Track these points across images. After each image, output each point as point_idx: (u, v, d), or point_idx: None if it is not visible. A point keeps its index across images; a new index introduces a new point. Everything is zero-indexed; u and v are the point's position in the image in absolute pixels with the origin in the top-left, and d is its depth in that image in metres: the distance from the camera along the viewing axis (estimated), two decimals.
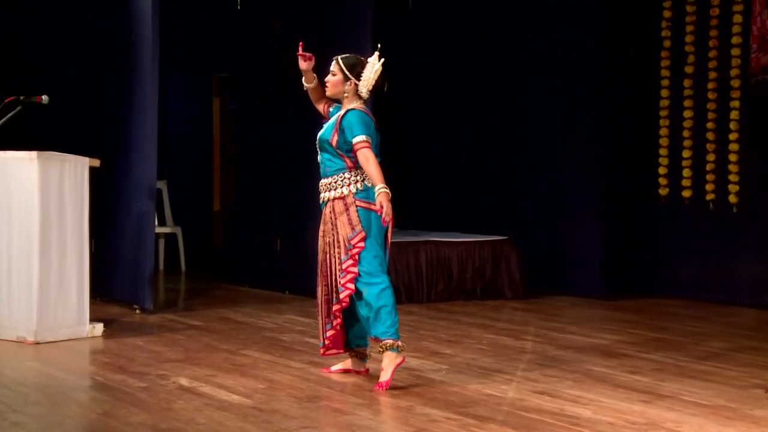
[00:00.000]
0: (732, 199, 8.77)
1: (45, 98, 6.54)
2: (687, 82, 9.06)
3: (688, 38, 9.04)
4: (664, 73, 9.22)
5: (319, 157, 5.48)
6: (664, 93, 9.22)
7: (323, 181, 5.44)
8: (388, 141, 10.56)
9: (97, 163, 6.83)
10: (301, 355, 6.21)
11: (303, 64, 5.53)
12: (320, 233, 5.46)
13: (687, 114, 9.06)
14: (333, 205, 5.36)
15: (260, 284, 9.30)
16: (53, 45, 8.97)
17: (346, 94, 5.39)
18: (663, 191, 9.26)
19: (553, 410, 4.83)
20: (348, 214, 5.32)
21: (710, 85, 8.90)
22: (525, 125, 9.84)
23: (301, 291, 8.89)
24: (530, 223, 9.61)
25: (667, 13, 9.18)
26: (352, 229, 5.31)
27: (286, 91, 9.32)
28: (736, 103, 8.72)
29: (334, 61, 5.45)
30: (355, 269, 5.32)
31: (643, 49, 9.30)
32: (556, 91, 9.45)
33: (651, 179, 9.30)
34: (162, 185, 10.42)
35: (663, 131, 9.24)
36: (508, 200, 9.88)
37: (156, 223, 9.09)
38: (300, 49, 5.52)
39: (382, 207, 5.18)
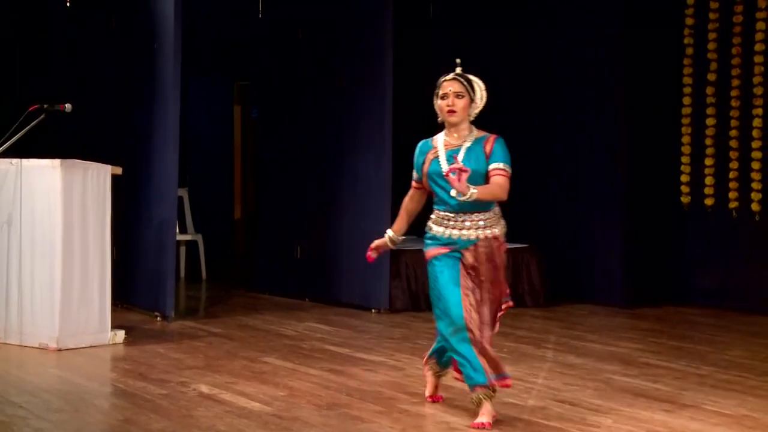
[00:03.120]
0: (755, 207, 8.72)
1: (68, 107, 6.61)
2: (710, 90, 9.03)
3: (711, 45, 9.01)
4: (687, 80, 9.19)
5: (452, 191, 4.65)
6: (687, 101, 9.19)
7: (467, 217, 4.76)
8: (411, 151, 10.63)
9: (119, 170, 6.89)
10: (321, 362, 6.24)
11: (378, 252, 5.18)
12: (470, 275, 4.81)
13: (710, 122, 9.03)
14: (490, 244, 4.78)
15: (280, 291, 9.33)
16: (76, 52, 9.04)
17: (470, 118, 4.85)
18: (685, 199, 9.23)
19: (574, 419, 4.84)
20: (501, 256, 4.85)
21: (733, 93, 8.86)
22: (546, 133, 9.83)
23: (321, 298, 8.92)
24: (551, 231, 9.59)
25: (689, 21, 9.15)
26: (504, 271, 4.92)
27: (307, 98, 9.39)
28: (759, 111, 8.68)
29: (454, 81, 4.81)
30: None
31: (666, 57, 9.27)
32: (580, 98, 9.44)
33: (673, 187, 9.27)
34: (183, 193, 10.47)
35: (685, 139, 9.20)
36: (529, 208, 9.86)
37: (177, 230, 9.14)
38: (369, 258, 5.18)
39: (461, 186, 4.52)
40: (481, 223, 4.78)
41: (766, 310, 8.59)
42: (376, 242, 5.17)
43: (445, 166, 4.73)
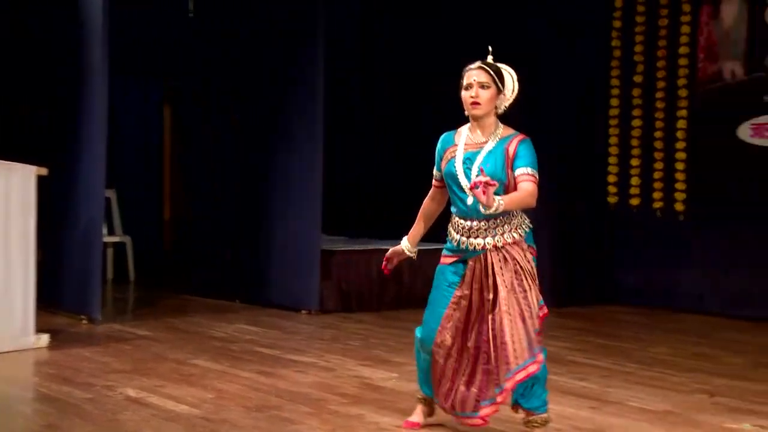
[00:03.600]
0: (678, 207, 8.89)
1: None
2: (636, 92, 9.18)
3: (638, 48, 9.17)
4: (614, 82, 9.34)
5: (468, 200, 4.29)
6: (614, 102, 9.33)
7: (478, 224, 4.31)
8: (342, 151, 10.63)
9: (44, 171, 6.76)
10: (251, 364, 6.20)
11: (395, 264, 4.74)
12: (469, 288, 4.37)
13: (636, 123, 9.18)
14: (507, 252, 4.30)
15: (210, 293, 9.26)
16: (1, 50, 8.87)
17: (498, 111, 4.36)
18: (612, 199, 9.37)
19: (503, 417, 4.87)
20: (528, 261, 4.34)
21: (659, 95, 9.03)
22: None
23: (252, 300, 8.88)
24: None
25: (617, 23, 9.30)
26: (534, 281, 4.34)
27: (237, 99, 9.33)
28: (683, 113, 8.85)
29: (479, 70, 4.32)
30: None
31: (594, 59, 9.40)
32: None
33: (601, 187, 9.40)
34: (111, 193, 10.33)
35: (612, 140, 9.35)
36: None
37: (105, 231, 9.01)
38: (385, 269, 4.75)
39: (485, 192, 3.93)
40: (493, 230, 4.30)
41: (689, 307, 8.77)
42: (390, 251, 4.71)
43: (460, 171, 4.30)
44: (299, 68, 8.57)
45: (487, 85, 4.29)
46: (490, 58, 4.38)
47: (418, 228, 4.72)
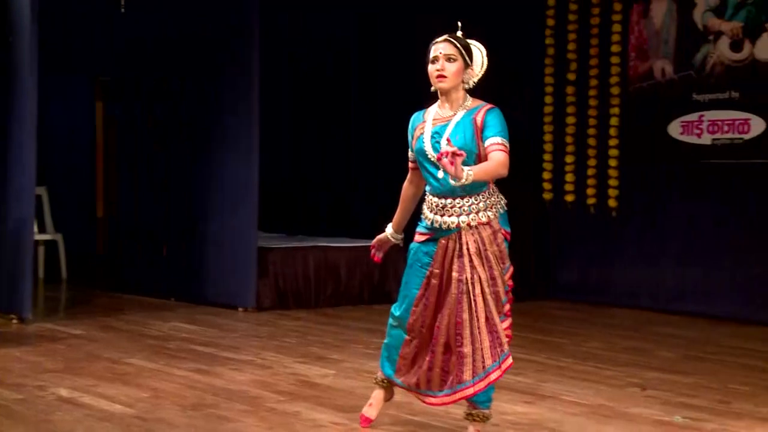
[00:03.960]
0: (611, 203, 9.02)
1: None
2: (570, 89, 9.30)
3: (571, 46, 9.27)
4: (548, 80, 9.44)
5: (439, 173, 4.21)
6: (548, 99, 9.43)
7: (452, 202, 4.23)
8: (277, 148, 10.58)
9: None
10: (187, 362, 6.15)
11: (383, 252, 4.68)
12: (440, 267, 4.29)
13: (570, 120, 9.30)
14: (479, 233, 4.23)
15: (145, 291, 9.16)
16: None
17: (464, 85, 4.27)
18: (547, 195, 9.47)
19: (439, 412, 4.90)
20: (497, 244, 4.25)
21: (591, 92, 9.15)
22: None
23: (188, 297, 8.80)
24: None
25: (550, 22, 9.40)
26: (503, 262, 4.28)
27: (172, 95, 9.24)
28: (615, 110, 8.98)
29: (445, 43, 4.23)
30: (510, 314, 4.35)
31: (529, 57, 9.49)
32: None
33: (536, 183, 9.50)
34: (42, 191, 10.16)
35: (547, 137, 9.45)
36: (397, 206, 9.94)
37: (36, 229, 8.85)
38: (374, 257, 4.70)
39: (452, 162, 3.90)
40: (467, 207, 4.22)
41: (622, 303, 8.90)
42: (376, 240, 4.65)
43: (428, 145, 4.24)
44: (234, 64, 8.52)
45: (454, 58, 4.22)
46: (459, 33, 4.31)
47: (400, 214, 4.64)
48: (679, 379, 5.88)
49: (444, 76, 4.22)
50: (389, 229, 4.66)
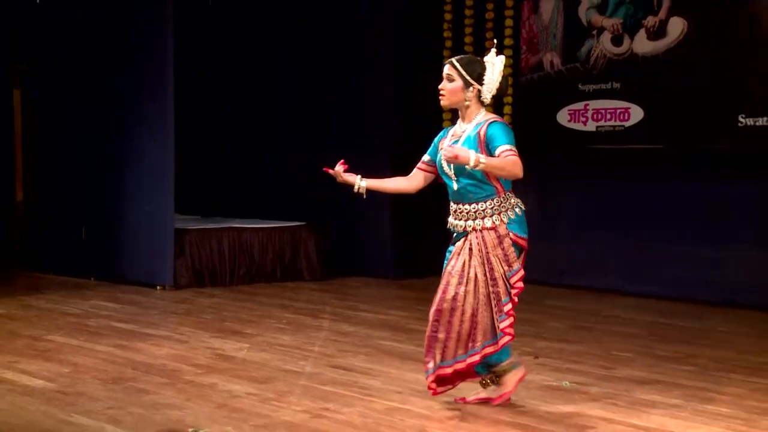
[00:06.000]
0: None
1: None
2: None
3: (467, 39, 9.34)
4: None
5: (455, 184, 4.39)
6: None
7: (461, 207, 4.40)
8: (195, 133, 10.43)
9: None
10: (107, 338, 6.05)
11: (340, 178, 4.58)
12: (451, 267, 4.43)
13: None
14: (482, 237, 4.35)
15: (66, 271, 8.97)
16: None
17: (467, 102, 4.39)
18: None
19: (347, 382, 4.93)
20: (503, 248, 4.36)
21: None
22: (324, 118, 9.91)
23: (108, 277, 8.65)
24: (328, 210, 9.69)
25: (448, 16, 9.45)
26: (509, 266, 4.37)
27: (88, 80, 9.03)
28: (509, 99, 9.06)
29: (448, 65, 4.44)
30: (513, 313, 4.40)
31: (430, 49, 9.53)
32: (353, 88, 9.59)
33: None
34: None
35: (445, 124, 9.48)
36: (307, 189, 9.92)
37: None
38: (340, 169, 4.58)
39: (456, 155, 4.16)
40: (473, 213, 4.36)
41: None
42: (346, 174, 4.58)
43: (444, 160, 4.37)
44: (149, 50, 8.38)
45: (452, 79, 4.40)
46: (492, 52, 4.46)
47: (382, 180, 4.69)
48: (567, 348, 6.02)
49: (442, 95, 4.44)
50: (361, 179, 4.61)
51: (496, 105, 4.02)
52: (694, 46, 7.84)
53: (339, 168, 4.59)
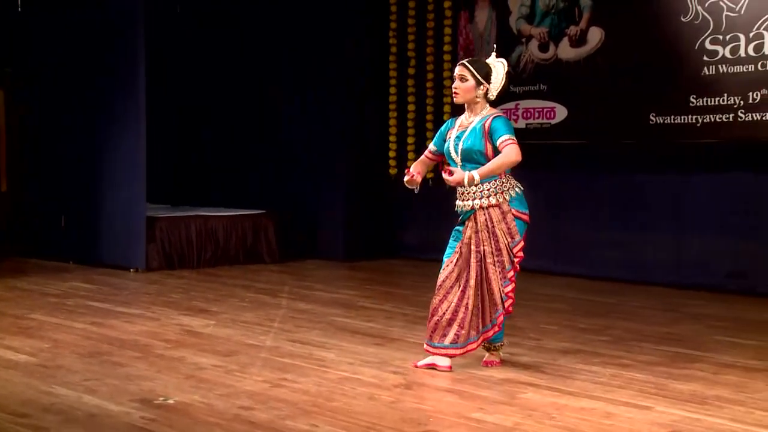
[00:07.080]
0: (429, 174, 9.14)
1: None
2: (410, 82, 9.36)
3: (410, 45, 9.34)
4: (392, 74, 9.48)
5: (461, 168, 4.53)
6: (392, 90, 9.48)
7: (468, 189, 4.50)
8: (166, 130, 10.28)
9: None
10: (84, 316, 5.95)
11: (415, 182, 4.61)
12: (463, 243, 4.52)
13: (410, 107, 9.37)
14: (489, 213, 4.48)
15: (47, 256, 8.83)
16: None
17: (477, 99, 4.54)
18: (393, 171, 9.54)
19: (304, 354, 4.91)
20: (506, 223, 4.51)
21: (428, 84, 9.23)
22: (282, 115, 9.84)
23: (86, 261, 8.53)
24: (286, 198, 9.65)
25: (393, 24, 9.43)
26: (512, 237, 4.51)
27: (68, 81, 8.87)
28: (449, 99, 9.09)
29: (461, 66, 4.57)
30: (515, 279, 4.53)
31: (377, 54, 9.51)
32: (309, 87, 9.54)
33: (383, 161, 9.55)
34: None
35: (391, 122, 9.50)
36: (268, 179, 9.87)
37: None
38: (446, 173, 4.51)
39: (452, 175, 4.44)
40: (479, 193, 4.47)
41: None
42: (419, 178, 4.64)
43: (451, 147, 4.53)
44: (124, 54, 8.24)
45: (465, 78, 4.53)
46: (492, 55, 4.65)
47: (420, 173, 4.68)
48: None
49: (456, 93, 4.57)
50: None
51: (437, 105, 4.08)
52: (611, 53, 7.92)
53: (417, 177, 4.63)
